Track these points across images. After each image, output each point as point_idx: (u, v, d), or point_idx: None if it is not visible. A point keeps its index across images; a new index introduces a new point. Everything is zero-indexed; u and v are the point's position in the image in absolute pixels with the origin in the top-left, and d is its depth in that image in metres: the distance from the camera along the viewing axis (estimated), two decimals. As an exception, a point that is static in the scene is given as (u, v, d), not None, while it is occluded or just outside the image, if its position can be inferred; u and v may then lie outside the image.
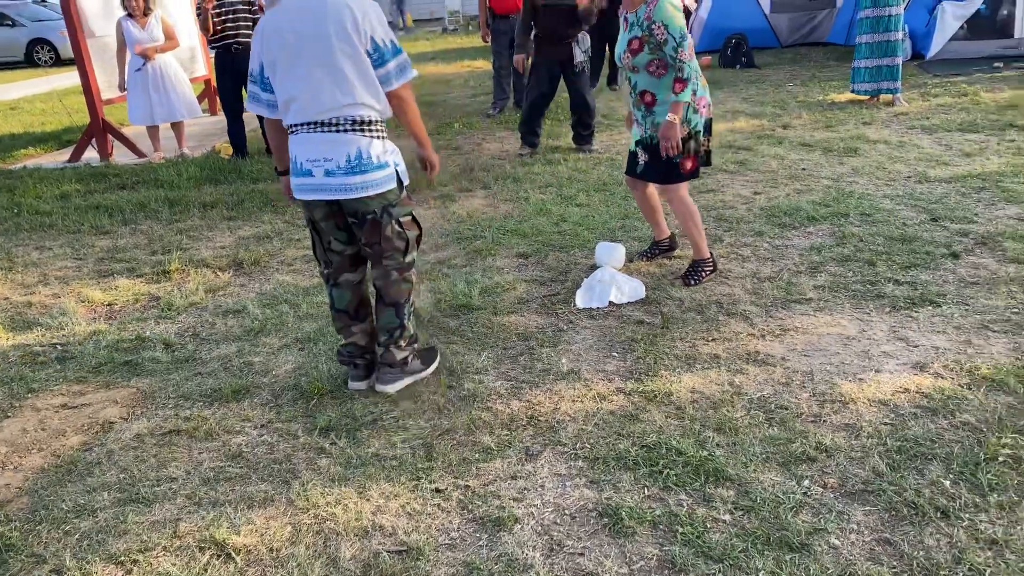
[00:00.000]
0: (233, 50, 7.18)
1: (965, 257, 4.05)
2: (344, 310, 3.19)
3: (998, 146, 6.11)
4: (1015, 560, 2.09)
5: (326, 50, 2.77)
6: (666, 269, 4.24)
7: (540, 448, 2.75)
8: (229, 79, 7.33)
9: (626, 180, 4.25)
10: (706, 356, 3.31)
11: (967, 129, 6.71)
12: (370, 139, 2.89)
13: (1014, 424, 2.66)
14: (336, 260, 3.11)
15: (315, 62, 2.79)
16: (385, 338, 3.18)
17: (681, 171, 3.89)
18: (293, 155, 2.95)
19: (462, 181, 6.32)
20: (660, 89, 3.79)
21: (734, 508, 2.38)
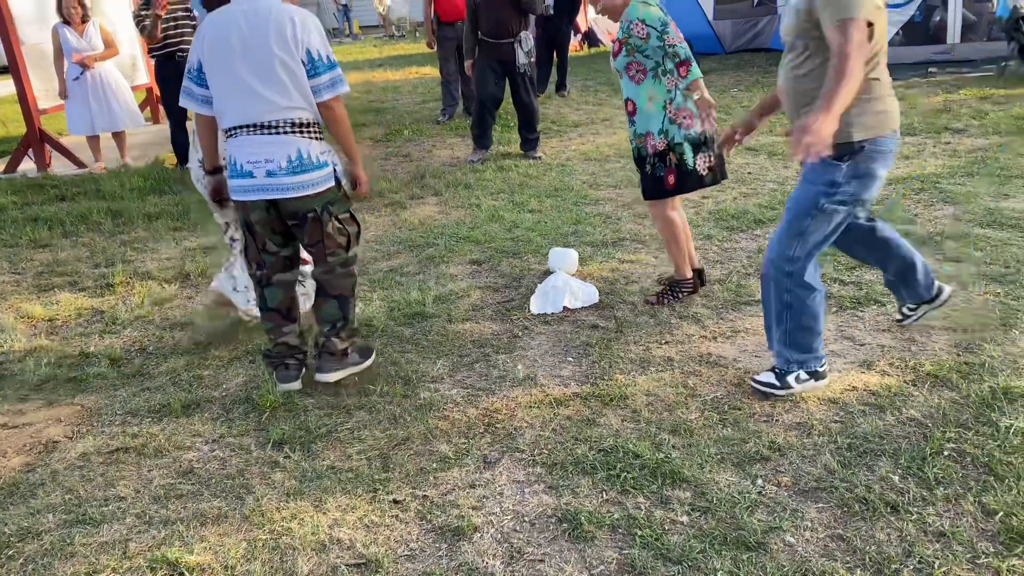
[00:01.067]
0: (177, 58, 7.06)
1: (906, 257, 4.16)
2: (276, 309, 3.24)
3: (935, 149, 6.31)
4: (962, 551, 2.15)
5: (266, 56, 2.89)
6: (619, 274, 4.27)
7: (498, 455, 2.74)
8: (174, 88, 7.19)
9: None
10: (660, 359, 3.34)
11: (905, 132, 6.91)
12: (309, 140, 3.01)
13: (957, 419, 2.74)
14: (270, 261, 3.17)
15: (254, 67, 2.90)
16: (328, 328, 3.26)
17: (664, 186, 3.64)
18: (231, 157, 3.00)
19: (413, 188, 6.29)
20: (639, 96, 3.60)
21: (691, 509, 2.40)
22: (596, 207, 5.48)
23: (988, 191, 5.13)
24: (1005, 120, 6.99)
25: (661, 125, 3.59)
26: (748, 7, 13.22)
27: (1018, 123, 6.83)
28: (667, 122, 3.58)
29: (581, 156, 7.07)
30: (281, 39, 2.87)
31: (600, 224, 5.11)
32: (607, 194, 5.77)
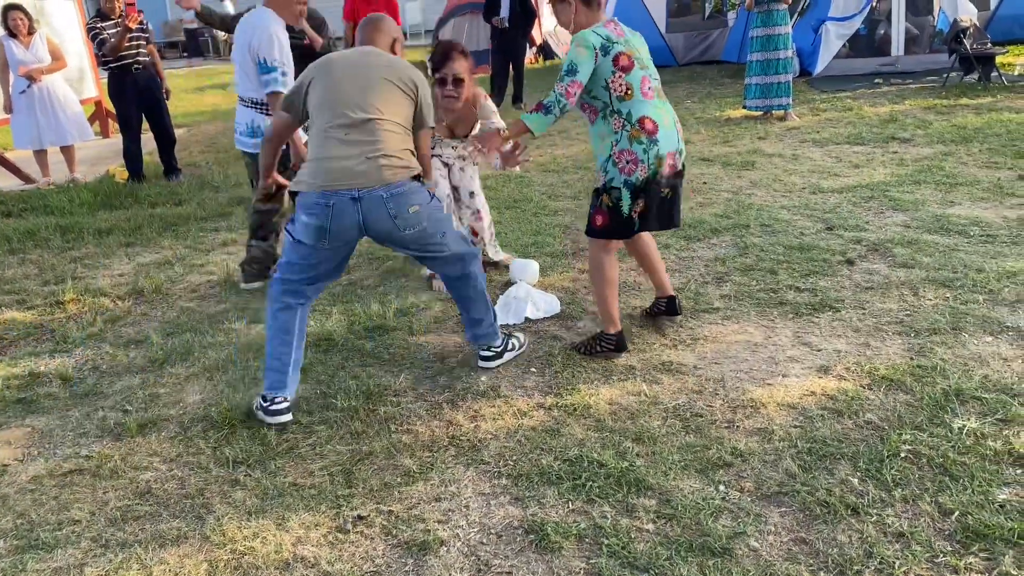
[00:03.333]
0: (134, 70, 6.95)
1: (859, 263, 4.26)
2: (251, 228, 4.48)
3: (883, 157, 6.47)
4: (921, 551, 2.20)
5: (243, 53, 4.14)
6: (579, 284, 4.30)
7: (463, 468, 2.73)
8: (131, 100, 7.07)
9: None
10: (622, 368, 3.36)
11: (854, 142, 7.08)
12: (263, 115, 4.22)
13: (912, 421, 2.80)
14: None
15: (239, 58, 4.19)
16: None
17: (592, 225, 3.36)
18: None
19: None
20: (594, 136, 3.36)
21: (657, 517, 2.41)
22: (555, 218, 5.51)
23: (935, 198, 5.28)
24: (948, 129, 7.20)
25: (605, 165, 3.29)
26: (699, 20, 13.46)
27: (961, 132, 7.05)
28: (610, 163, 3.26)
29: (539, 167, 7.10)
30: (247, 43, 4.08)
31: (560, 235, 5.13)
32: (566, 205, 5.80)
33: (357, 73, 3.01)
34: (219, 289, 4.58)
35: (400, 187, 2.93)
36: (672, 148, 3.27)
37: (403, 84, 3.05)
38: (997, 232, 4.55)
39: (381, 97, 2.99)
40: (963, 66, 9.65)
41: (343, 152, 2.91)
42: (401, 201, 2.93)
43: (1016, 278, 3.89)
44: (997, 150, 6.40)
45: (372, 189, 2.88)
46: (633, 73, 3.21)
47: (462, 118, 4.21)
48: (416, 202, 2.98)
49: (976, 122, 7.44)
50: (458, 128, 4.26)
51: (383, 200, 2.90)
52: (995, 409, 2.82)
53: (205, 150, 8.91)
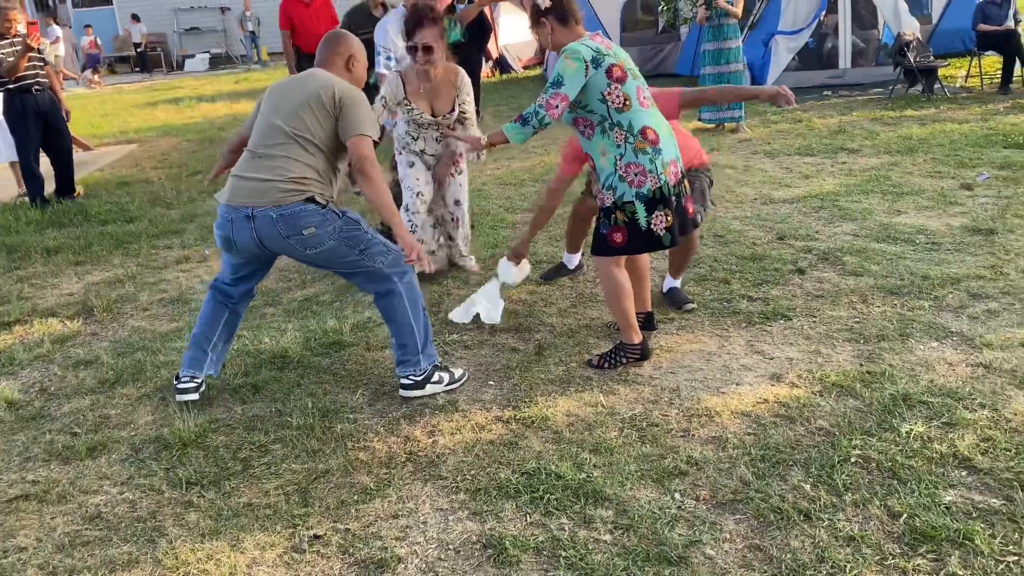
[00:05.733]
0: (34, 91, 6.79)
1: (810, 272, 4.35)
2: None
3: (832, 168, 6.62)
4: (871, 554, 2.24)
5: None
6: (537, 296, 4.31)
7: (421, 484, 2.72)
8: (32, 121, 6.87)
9: None
10: (579, 379, 3.38)
11: (804, 153, 7.23)
12: None
13: (862, 426, 2.86)
14: None
15: None
16: None
17: (610, 243, 3.29)
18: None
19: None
20: (593, 152, 3.30)
21: (614, 527, 2.43)
22: (513, 231, 5.53)
23: (882, 208, 5.41)
24: (895, 140, 7.40)
25: (611, 182, 3.24)
26: (653, 34, 13.65)
27: (906, 143, 7.24)
28: (617, 178, 3.22)
29: (496, 181, 7.12)
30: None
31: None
32: (524, 218, 5.83)
33: (284, 100, 3.14)
34: (172, 307, 4.51)
35: (290, 208, 3.00)
36: (673, 155, 3.28)
37: (327, 104, 3.07)
38: (941, 240, 4.68)
39: (300, 122, 3.07)
40: (907, 78, 9.93)
41: (249, 172, 3.08)
42: (293, 223, 3.00)
43: (959, 284, 4.01)
44: (941, 160, 6.58)
45: (264, 208, 3.00)
46: (628, 84, 3.19)
47: (441, 93, 4.23)
48: (311, 224, 3.02)
49: (921, 133, 7.65)
50: (438, 103, 4.26)
51: (274, 221, 3.00)
52: (941, 413, 2.90)
53: (157, 166, 8.78)
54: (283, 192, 3.00)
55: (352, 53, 3.28)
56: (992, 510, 2.39)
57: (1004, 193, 5.54)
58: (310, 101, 3.07)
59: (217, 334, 3.36)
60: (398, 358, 3.28)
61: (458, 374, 3.39)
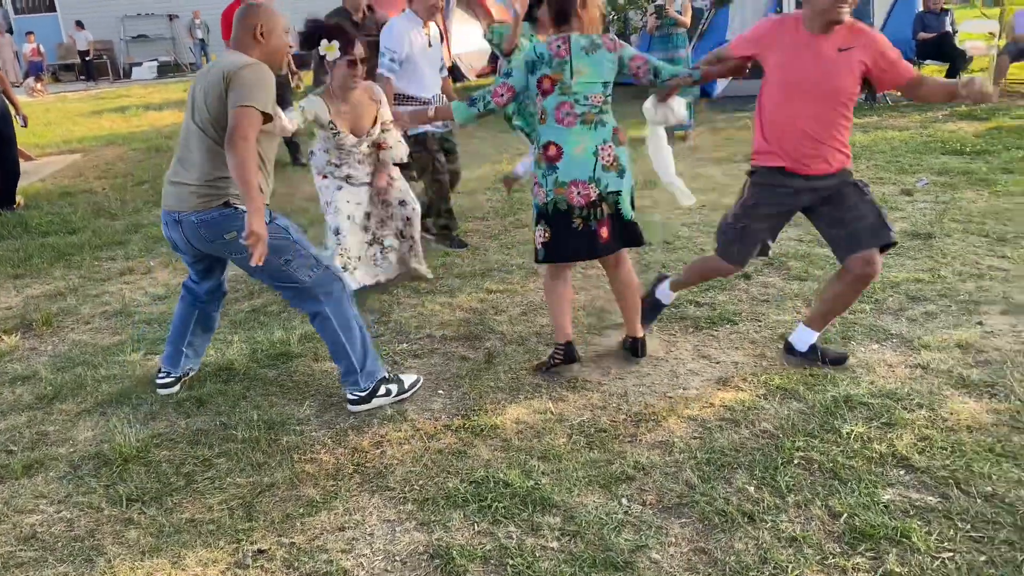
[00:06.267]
0: None
1: (756, 277, 4.42)
2: None
3: (778, 175, 6.73)
4: (812, 553, 2.28)
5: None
6: (487, 304, 4.31)
7: (368, 496, 2.69)
8: None
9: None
10: (529, 386, 3.38)
11: (750, 160, 7.34)
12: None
13: (804, 428, 2.91)
14: None
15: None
16: None
17: (599, 241, 3.29)
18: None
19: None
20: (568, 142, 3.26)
21: (561, 534, 2.43)
22: (464, 239, 5.52)
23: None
24: (838, 147, 7.55)
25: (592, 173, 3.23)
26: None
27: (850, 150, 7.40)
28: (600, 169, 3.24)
29: (448, 189, 7.10)
30: None
31: (468, 255, 5.14)
32: (474, 226, 5.83)
33: (197, 90, 3.01)
34: (115, 320, 4.41)
35: (208, 214, 2.97)
36: (580, 177, 3.19)
37: (224, 87, 2.86)
38: (882, 244, 4.78)
39: (208, 115, 2.95)
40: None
41: (172, 175, 3.06)
42: (213, 228, 2.98)
43: (899, 288, 4.11)
44: (883, 166, 6.75)
45: (187, 213, 2.99)
46: (550, 98, 3.21)
47: (362, 111, 4.17)
48: (231, 228, 2.98)
49: (863, 140, 7.83)
50: (360, 123, 4.20)
51: (195, 226, 2.99)
52: (880, 414, 2.96)
53: (101, 176, 8.59)
54: (199, 198, 2.96)
55: (259, 22, 3.02)
56: (929, 508, 2.44)
57: (942, 198, 5.70)
58: (214, 89, 2.90)
59: (190, 332, 3.44)
60: (341, 374, 3.25)
61: (409, 381, 3.35)
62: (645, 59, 3.31)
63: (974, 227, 5.01)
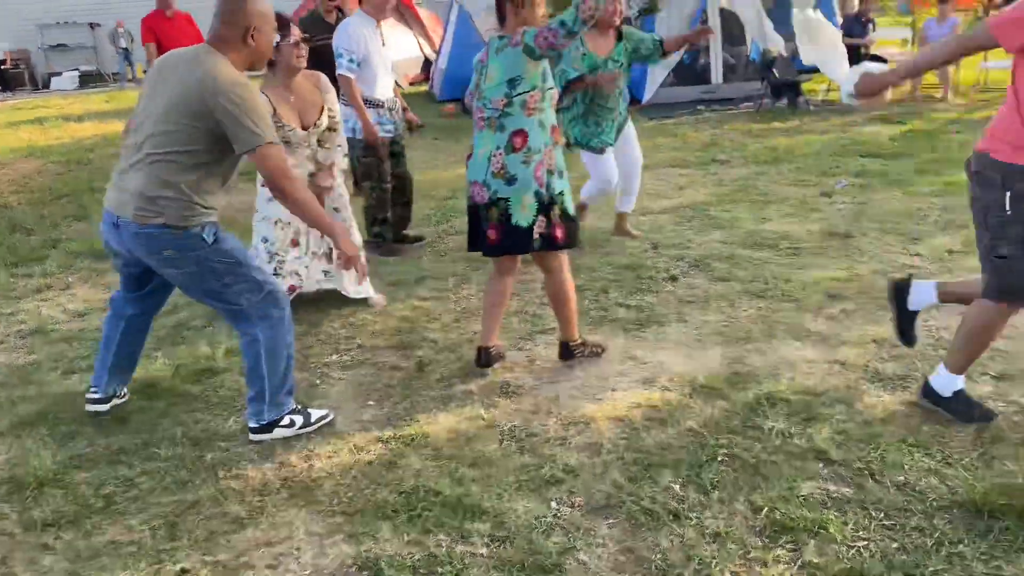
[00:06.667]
0: None
1: (682, 279, 4.51)
2: None
3: (704, 179, 6.90)
4: (735, 548, 2.33)
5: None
6: (420, 312, 4.29)
7: (296, 510, 2.65)
8: None
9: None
10: (460, 394, 3.38)
11: (679, 165, 7.51)
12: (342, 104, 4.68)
13: (728, 426, 2.98)
14: None
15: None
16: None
17: (487, 242, 3.35)
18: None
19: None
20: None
21: (490, 540, 2.44)
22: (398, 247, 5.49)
23: (749, 215, 5.67)
24: (762, 151, 7.78)
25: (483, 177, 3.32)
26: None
27: (773, 153, 7.62)
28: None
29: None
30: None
31: (401, 263, 5.12)
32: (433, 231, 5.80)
33: (162, 88, 2.74)
34: (30, 339, 4.25)
35: (147, 229, 2.76)
36: (475, 178, 3.30)
37: (206, 104, 2.63)
38: (803, 245, 4.94)
39: (170, 126, 2.69)
40: (774, 93, 10.48)
41: (120, 176, 2.85)
42: (151, 243, 2.78)
43: (819, 286, 4.24)
44: (804, 169, 6.96)
45: (127, 220, 2.78)
46: (477, 103, 3.31)
47: (307, 101, 4.05)
48: (170, 247, 2.78)
49: (786, 143, 8.07)
50: (307, 114, 4.06)
51: (135, 235, 2.79)
52: (800, 410, 3.05)
53: (18, 190, 8.28)
54: (138, 211, 2.74)
55: (252, 24, 2.73)
56: (845, 499, 2.53)
57: (859, 199, 5.91)
58: (185, 100, 2.65)
59: (113, 351, 3.25)
60: (248, 397, 3.07)
61: (316, 416, 3.15)
62: (548, 26, 3.09)
63: (889, 226, 5.21)
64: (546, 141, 3.27)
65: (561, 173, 3.35)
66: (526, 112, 3.21)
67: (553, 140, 3.31)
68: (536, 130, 3.23)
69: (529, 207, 3.26)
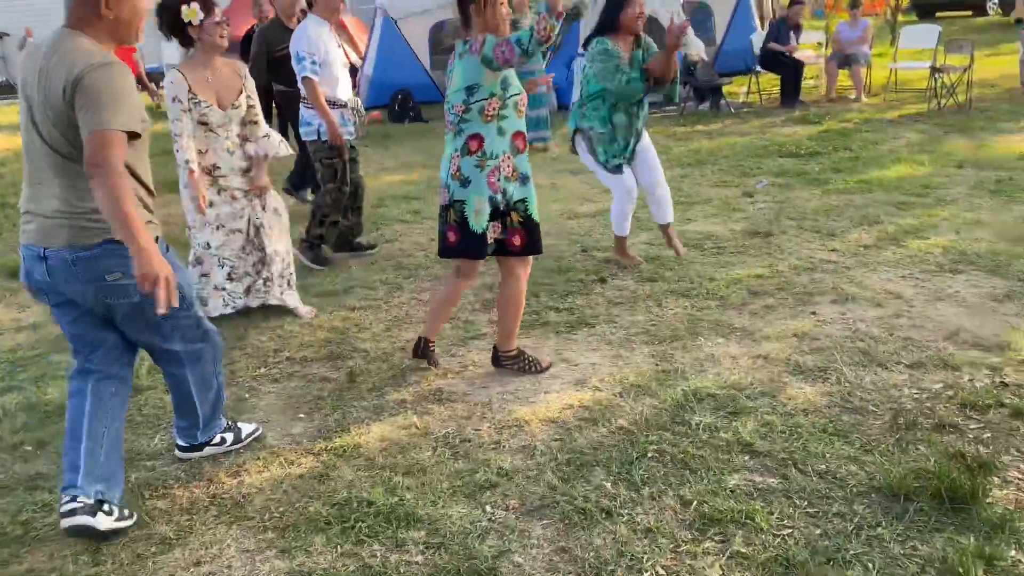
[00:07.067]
0: None
1: (611, 281, 4.58)
2: None
3: (631, 181, 7.01)
4: (666, 543, 2.38)
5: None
6: (350, 322, 4.26)
7: (226, 528, 2.60)
8: None
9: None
10: (393, 403, 3.36)
11: (606, 168, 7.60)
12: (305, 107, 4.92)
13: (657, 422, 3.04)
14: None
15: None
16: None
17: (446, 243, 3.38)
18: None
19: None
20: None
21: (425, 547, 2.43)
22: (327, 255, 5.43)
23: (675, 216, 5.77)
24: (686, 154, 7.95)
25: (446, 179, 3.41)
26: (463, 57, 13.88)
27: (696, 156, 7.80)
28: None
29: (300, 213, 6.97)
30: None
31: (330, 273, 5.06)
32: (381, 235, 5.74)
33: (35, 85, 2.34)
34: (-61, 363, 4.06)
35: (87, 252, 2.38)
36: (442, 181, 3.38)
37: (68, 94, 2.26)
38: (726, 244, 5.07)
39: (55, 124, 2.32)
40: (696, 96, 10.72)
41: (32, 203, 2.44)
42: (92, 267, 2.39)
43: (741, 284, 4.36)
44: (726, 170, 7.14)
45: (58, 249, 2.38)
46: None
47: (225, 82, 3.97)
48: (115, 268, 2.40)
49: (709, 146, 8.27)
50: (225, 96, 3.97)
51: (70, 264, 2.38)
52: (726, 404, 3.13)
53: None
54: (75, 229, 2.36)
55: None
56: (770, 489, 2.61)
57: (779, 198, 6.10)
58: (55, 96, 2.28)
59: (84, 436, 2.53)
60: (175, 421, 2.93)
61: (247, 431, 3.08)
62: (506, 40, 3.09)
63: (807, 224, 5.39)
64: (505, 148, 3.27)
65: (524, 179, 3.36)
66: (483, 118, 3.22)
67: (515, 147, 3.32)
68: (493, 136, 3.24)
69: (482, 212, 3.27)
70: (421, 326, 4.10)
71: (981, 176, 6.30)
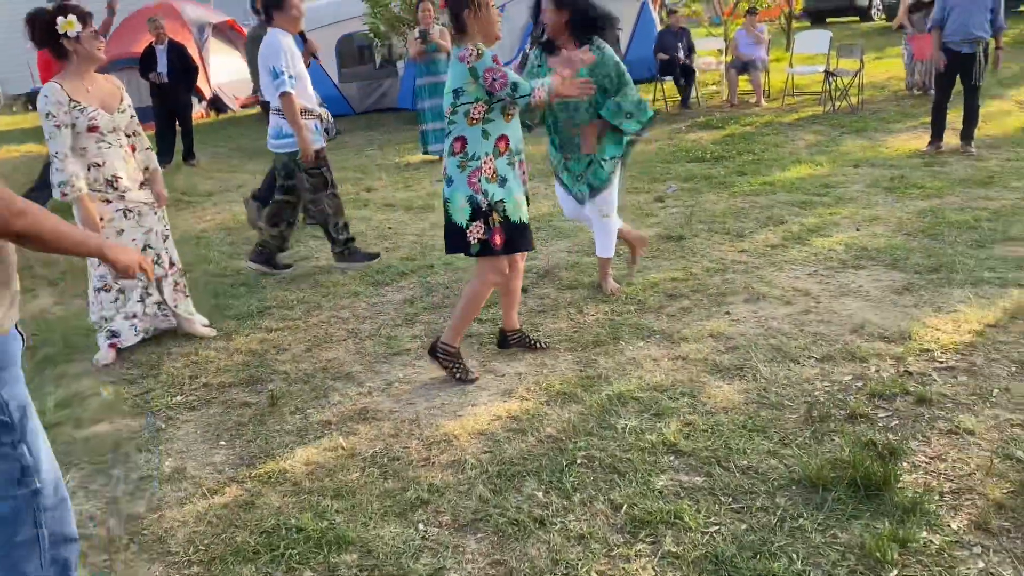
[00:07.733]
0: None
1: (532, 289, 4.61)
2: None
3: (547, 191, 7.08)
4: (599, 548, 2.41)
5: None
6: (268, 344, 4.16)
7: (148, 565, 2.50)
8: None
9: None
10: (318, 425, 3.30)
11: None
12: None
13: (584, 428, 3.08)
14: None
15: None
16: None
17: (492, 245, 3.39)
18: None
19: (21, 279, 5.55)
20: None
21: (359, 570, 2.40)
22: (238, 277, 5.30)
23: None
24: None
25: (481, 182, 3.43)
26: (371, 69, 13.81)
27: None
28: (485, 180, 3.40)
29: (218, 227, 6.80)
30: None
31: (245, 295, 4.94)
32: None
33: None
34: None
35: None
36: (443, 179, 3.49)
37: None
38: (641, 248, 5.18)
39: None
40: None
41: None
42: None
43: (658, 287, 4.46)
44: (637, 177, 7.30)
45: None
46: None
47: (107, 92, 3.87)
48: None
49: (619, 152, 8.42)
50: (108, 102, 3.84)
51: None
52: (649, 406, 3.20)
53: None
54: None
55: None
56: (696, 487, 2.67)
57: (689, 202, 6.27)
58: None
59: None
60: None
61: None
62: (504, 74, 3.22)
63: (717, 226, 5.55)
64: (487, 150, 3.34)
65: (503, 181, 3.39)
66: (468, 121, 3.32)
67: (498, 150, 3.37)
68: (477, 138, 3.33)
69: (463, 211, 3.35)
70: (341, 344, 4.05)
71: (876, 174, 6.63)
